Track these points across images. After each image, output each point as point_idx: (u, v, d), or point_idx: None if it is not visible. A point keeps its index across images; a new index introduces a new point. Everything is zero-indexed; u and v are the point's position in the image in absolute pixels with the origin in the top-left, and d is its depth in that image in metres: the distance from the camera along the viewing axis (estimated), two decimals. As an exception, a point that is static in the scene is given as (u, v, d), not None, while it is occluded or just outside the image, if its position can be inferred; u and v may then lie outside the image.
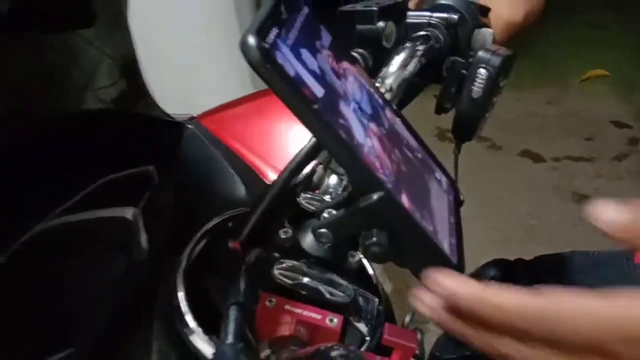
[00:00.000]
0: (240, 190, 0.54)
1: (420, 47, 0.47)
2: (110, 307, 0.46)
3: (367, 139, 0.31)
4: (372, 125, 0.33)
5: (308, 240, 0.38)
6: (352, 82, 0.33)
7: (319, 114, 0.28)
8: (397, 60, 0.45)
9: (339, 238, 0.33)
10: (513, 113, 2.55)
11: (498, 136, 2.41)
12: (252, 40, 0.26)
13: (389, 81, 0.44)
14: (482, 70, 0.46)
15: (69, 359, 0.42)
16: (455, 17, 0.48)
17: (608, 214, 0.27)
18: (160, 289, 0.42)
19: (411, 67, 0.46)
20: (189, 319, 0.37)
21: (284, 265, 0.35)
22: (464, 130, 0.49)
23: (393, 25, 0.47)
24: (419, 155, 0.37)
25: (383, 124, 0.34)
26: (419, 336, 0.45)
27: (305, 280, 0.35)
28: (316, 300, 0.35)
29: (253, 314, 0.33)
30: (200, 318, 0.38)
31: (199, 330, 0.36)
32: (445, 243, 0.33)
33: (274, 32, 0.28)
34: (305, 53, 0.30)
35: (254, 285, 0.34)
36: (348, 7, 0.47)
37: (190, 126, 0.59)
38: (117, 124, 0.59)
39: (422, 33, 0.48)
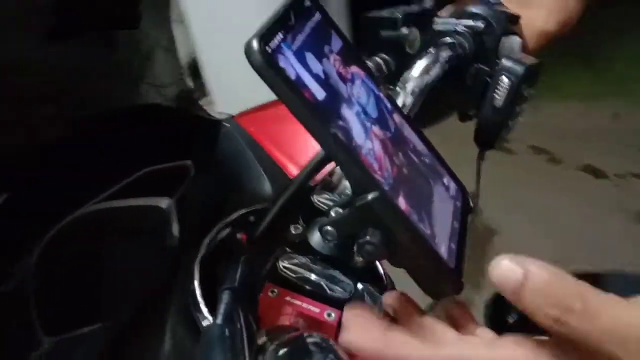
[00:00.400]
0: (267, 188, 0.56)
1: (445, 54, 0.48)
2: (138, 288, 0.50)
3: (367, 141, 0.32)
4: (376, 129, 0.34)
5: (315, 237, 0.40)
6: (358, 87, 0.35)
7: (317, 115, 0.29)
8: (420, 65, 0.46)
9: (342, 236, 0.35)
10: (575, 125, 2.45)
11: (558, 149, 2.33)
12: (255, 44, 0.28)
13: (409, 85, 0.45)
14: (504, 79, 0.46)
15: (98, 332, 0.46)
16: (481, 25, 0.48)
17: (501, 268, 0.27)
18: (181, 275, 0.45)
19: (434, 73, 0.47)
20: (202, 304, 0.40)
21: (289, 258, 0.37)
22: (486, 137, 0.49)
23: (417, 32, 0.48)
24: (426, 160, 0.38)
25: (388, 128, 0.36)
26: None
27: (308, 274, 0.37)
28: (316, 294, 0.37)
29: (255, 302, 0.35)
30: (213, 304, 0.40)
31: (209, 316, 0.39)
32: (444, 246, 0.34)
33: (279, 37, 0.30)
34: (310, 57, 0.31)
35: (254, 274, 0.36)
36: (373, 13, 0.48)
37: (227, 125, 0.62)
38: (160, 120, 0.63)
39: (447, 40, 0.49)
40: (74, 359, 0.44)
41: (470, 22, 0.49)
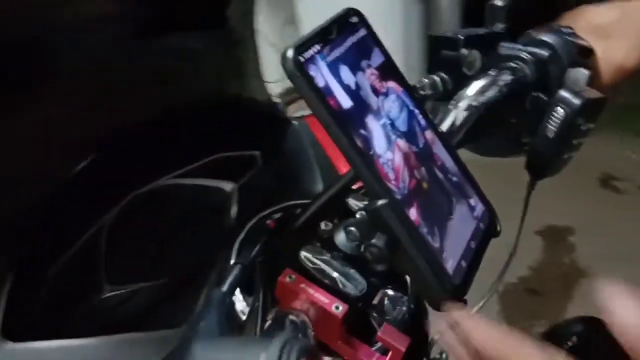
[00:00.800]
0: (319, 186, 0.60)
1: (504, 77, 0.48)
2: (191, 257, 0.56)
3: (388, 152, 0.35)
4: (401, 141, 0.36)
5: (340, 236, 0.43)
6: (392, 101, 0.37)
7: (338, 121, 0.32)
8: (476, 85, 0.47)
9: (363, 237, 0.37)
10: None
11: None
12: (289, 53, 0.32)
13: (463, 103, 0.46)
14: (559, 110, 0.45)
15: (149, 289, 0.53)
16: (546, 54, 0.48)
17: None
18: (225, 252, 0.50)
19: (490, 94, 0.47)
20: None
21: (312, 251, 0.41)
22: (537, 167, 0.49)
23: (478, 54, 0.49)
24: (454, 179, 0.39)
25: (416, 143, 0.37)
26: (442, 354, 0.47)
27: (324, 267, 0.40)
28: (329, 287, 0.39)
29: (273, 281, 0.39)
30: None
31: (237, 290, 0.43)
32: (451, 263, 0.35)
33: (315, 48, 0.33)
34: (344, 69, 0.34)
35: (271, 257, 0.39)
36: (437, 32, 0.50)
37: (296, 124, 0.67)
38: (239, 112, 0.69)
39: (509, 64, 0.49)
40: (125, 306, 0.51)
41: (535, 50, 0.49)
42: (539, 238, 2.06)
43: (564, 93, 0.45)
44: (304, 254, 0.40)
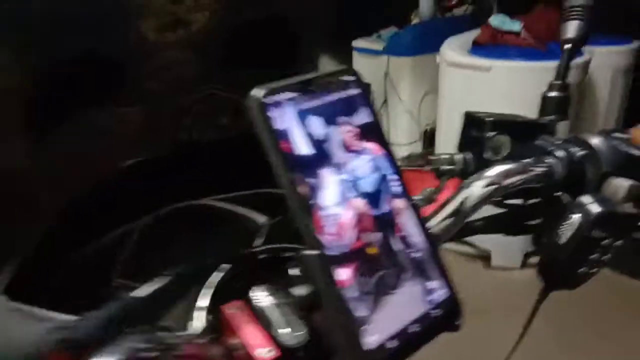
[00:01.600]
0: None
1: (531, 169, 0.45)
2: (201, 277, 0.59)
3: (336, 207, 0.35)
4: (358, 201, 0.36)
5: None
6: (364, 160, 0.37)
7: (285, 164, 0.33)
8: (496, 169, 0.44)
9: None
10: None
11: None
12: (256, 92, 0.34)
13: (478, 184, 0.44)
14: (574, 217, 0.41)
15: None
16: (580, 153, 0.44)
17: None
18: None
19: (509, 181, 0.44)
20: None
21: (266, 289, 0.41)
22: (548, 275, 0.44)
23: (506, 140, 0.46)
24: (415, 255, 0.37)
25: (379, 207, 0.37)
26: None
27: (265, 308, 0.40)
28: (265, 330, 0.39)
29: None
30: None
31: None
32: (375, 338, 0.33)
33: (286, 95, 0.35)
34: (315, 119, 0.35)
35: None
36: (472, 111, 0.48)
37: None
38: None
39: (541, 158, 0.46)
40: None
41: (570, 148, 0.45)
42: None
43: (585, 199, 0.41)
44: (255, 290, 0.41)
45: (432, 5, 2.69)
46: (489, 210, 0.49)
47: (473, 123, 0.47)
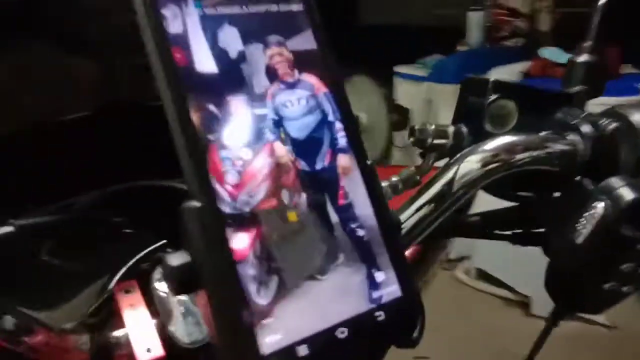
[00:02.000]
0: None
1: (546, 145, 0.33)
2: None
3: (245, 149, 0.25)
4: (280, 147, 0.26)
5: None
6: (296, 95, 0.27)
7: (174, 80, 0.24)
8: (497, 141, 0.33)
9: None
10: None
11: None
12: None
13: (472, 158, 0.32)
14: (598, 205, 0.29)
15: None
16: (612, 126, 0.32)
17: None
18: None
19: (515, 158, 0.32)
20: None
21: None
22: (560, 292, 0.32)
23: (512, 107, 0.35)
24: (361, 234, 0.26)
25: (310, 161, 0.26)
26: None
27: (164, 299, 0.30)
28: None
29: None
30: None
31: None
32: (278, 337, 0.23)
33: (192, -8, 0.25)
34: (229, 30, 0.26)
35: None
36: (470, 75, 0.38)
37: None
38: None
39: (563, 134, 0.34)
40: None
41: (600, 120, 0.33)
42: None
43: (615, 182, 0.29)
44: (156, 276, 0.31)
45: (480, 35, 2.58)
46: (488, 205, 0.38)
47: (472, 88, 0.37)
